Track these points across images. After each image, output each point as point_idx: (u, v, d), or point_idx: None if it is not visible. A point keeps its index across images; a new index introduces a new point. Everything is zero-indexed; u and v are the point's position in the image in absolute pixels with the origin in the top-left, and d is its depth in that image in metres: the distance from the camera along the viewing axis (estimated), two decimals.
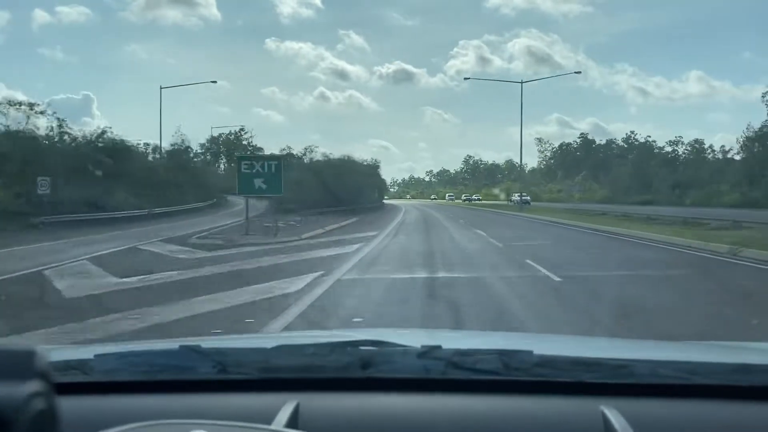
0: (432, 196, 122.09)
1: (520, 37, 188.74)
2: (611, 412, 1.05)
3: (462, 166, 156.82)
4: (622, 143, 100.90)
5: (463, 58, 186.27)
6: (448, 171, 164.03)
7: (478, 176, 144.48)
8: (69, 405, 0.84)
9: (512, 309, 7.60)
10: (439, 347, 1.20)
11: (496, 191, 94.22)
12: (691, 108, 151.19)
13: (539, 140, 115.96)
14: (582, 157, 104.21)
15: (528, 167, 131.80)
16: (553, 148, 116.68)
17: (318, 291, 8.76)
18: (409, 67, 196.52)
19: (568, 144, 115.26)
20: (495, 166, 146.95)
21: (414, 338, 1.57)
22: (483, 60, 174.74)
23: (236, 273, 11.07)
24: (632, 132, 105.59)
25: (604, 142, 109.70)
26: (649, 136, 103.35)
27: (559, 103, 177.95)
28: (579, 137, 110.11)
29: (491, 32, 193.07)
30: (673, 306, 7.87)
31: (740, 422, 1.09)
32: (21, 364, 0.67)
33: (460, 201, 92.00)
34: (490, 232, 20.46)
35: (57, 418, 0.70)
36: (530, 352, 1.19)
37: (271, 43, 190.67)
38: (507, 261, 12.79)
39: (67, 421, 0.75)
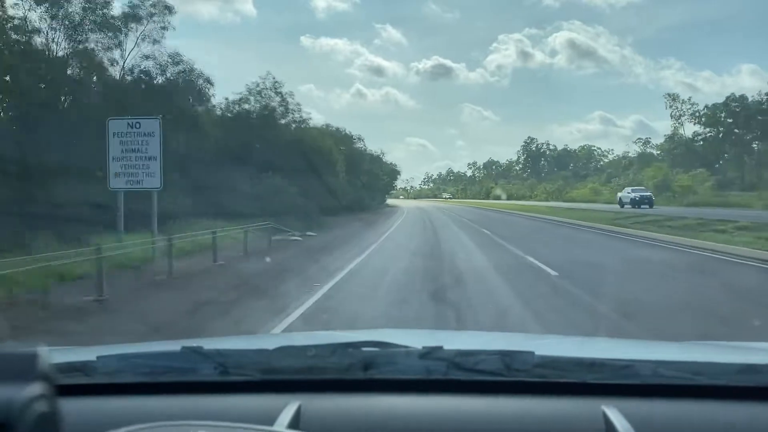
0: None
1: (563, 30, 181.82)
2: (613, 412, 1.05)
3: (519, 152, 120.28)
4: None
5: (504, 52, 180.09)
6: (497, 162, 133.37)
7: (543, 166, 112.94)
8: (71, 407, 0.84)
9: None
10: (440, 348, 1.19)
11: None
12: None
13: (672, 97, 65.75)
14: None
15: (613, 153, 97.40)
16: (698, 112, 65.53)
17: None
18: (448, 62, 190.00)
19: (742, 98, 61.70)
20: (567, 152, 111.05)
21: (415, 338, 1.57)
22: (524, 54, 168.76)
23: None
24: None
25: None
26: None
27: (601, 101, 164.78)
28: None
29: (532, 25, 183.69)
30: None
31: (746, 423, 1.08)
32: (23, 367, 0.68)
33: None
34: None
35: (59, 421, 0.71)
36: (532, 353, 1.18)
37: (306, 40, 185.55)
38: None
39: (69, 423, 0.76)
